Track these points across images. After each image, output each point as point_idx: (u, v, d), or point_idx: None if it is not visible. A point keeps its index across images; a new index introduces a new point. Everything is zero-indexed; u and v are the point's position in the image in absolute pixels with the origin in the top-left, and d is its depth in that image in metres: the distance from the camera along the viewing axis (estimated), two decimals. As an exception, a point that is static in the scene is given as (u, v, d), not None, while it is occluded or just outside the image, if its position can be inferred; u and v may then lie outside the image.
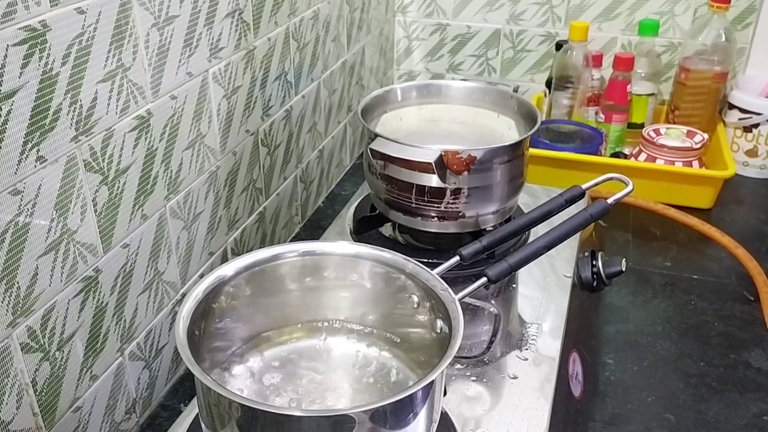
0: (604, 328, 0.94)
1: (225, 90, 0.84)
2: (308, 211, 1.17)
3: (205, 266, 0.87)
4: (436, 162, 0.79)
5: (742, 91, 1.30)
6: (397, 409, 0.52)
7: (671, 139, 1.23)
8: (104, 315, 0.70)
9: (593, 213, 0.68)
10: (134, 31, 0.67)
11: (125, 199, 0.70)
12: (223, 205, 0.88)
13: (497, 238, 0.75)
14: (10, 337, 0.59)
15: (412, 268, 0.64)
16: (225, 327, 0.65)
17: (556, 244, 0.71)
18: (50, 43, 0.57)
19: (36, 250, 0.60)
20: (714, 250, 1.10)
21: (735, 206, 1.23)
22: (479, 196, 0.83)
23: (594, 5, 1.41)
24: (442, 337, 0.60)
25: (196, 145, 0.80)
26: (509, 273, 0.68)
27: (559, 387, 0.71)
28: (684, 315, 0.97)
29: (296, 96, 1.04)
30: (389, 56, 1.52)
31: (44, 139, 0.58)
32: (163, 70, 0.72)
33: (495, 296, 0.83)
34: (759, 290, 1.00)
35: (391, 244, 0.90)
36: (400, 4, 1.51)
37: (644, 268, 1.06)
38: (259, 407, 0.51)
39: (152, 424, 0.79)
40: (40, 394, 0.63)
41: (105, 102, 0.64)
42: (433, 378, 0.52)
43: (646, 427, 0.80)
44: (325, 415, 0.52)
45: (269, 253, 0.66)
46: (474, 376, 0.71)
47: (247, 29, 0.87)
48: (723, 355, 0.90)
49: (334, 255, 0.67)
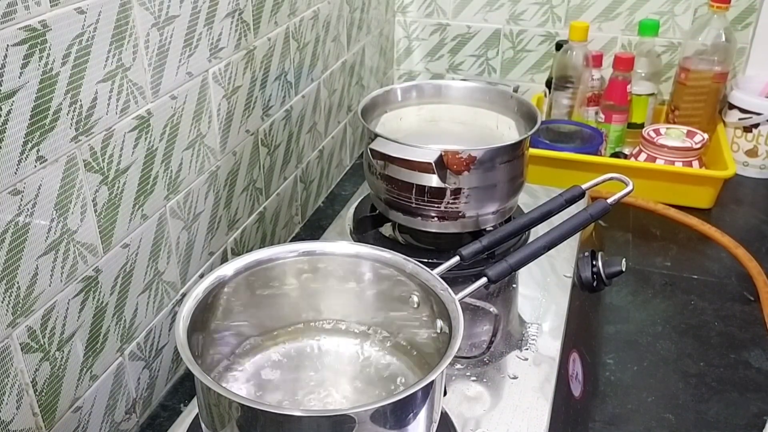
0: (604, 328, 0.94)
1: (225, 90, 0.84)
2: (308, 211, 1.17)
3: (205, 266, 0.87)
4: (436, 162, 0.79)
5: (742, 91, 1.30)
6: (398, 409, 0.52)
7: (671, 139, 1.23)
8: (104, 315, 0.70)
9: (593, 213, 0.68)
10: (134, 31, 0.67)
11: (125, 199, 0.70)
12: (223, 205, 0.88)
13: (497, 238, 0.75)
14: (10, 337, 0.59)
15: (412, 268, 0.64)
16: (225, 327, 0.65)
17: (556, 244, 0.71)
18: (50, 43, 0.57)
19: (36, 250, 0.60)
20: (714, 250, 1.10)
21: (735, 206, 1.22)
22: (479, 196, 0.83)
23: (594, 5, 1.41)
24: (443, 337, 0.60)
25: (196, 145, 0.80)
26: (509, 273, 0.68)
27: (559, 387, 0.71)
28: (684, 315, 0.97)
29: (296, 96, 1.04)
30: (389, 56, 1.52)
31: (44, 139, 0.58)
32: (163, 70, 0.72)
33: (495, 296, 0.83)
34: (759, 290, 1.00)
35: (391, 244, 0.90)
36: (400, 4, 1.51)
37: (644, 268, 1.06)
38: (258, 407, 0.51)
39: (152, 424, 0.79)
40: (40, 394, 0.63)
41: (105, 102, 0.64)
42: (433, 378, 0.52)
43: (646, 427, 0.80)
44: (325, 415, 0.52)
45: (269, 253, 0.66)
46: (474, 376, 0.71)
47: (247, 29, 0.87)
48: (723, 355, 0.90)
49: (333, 255, 0.67)
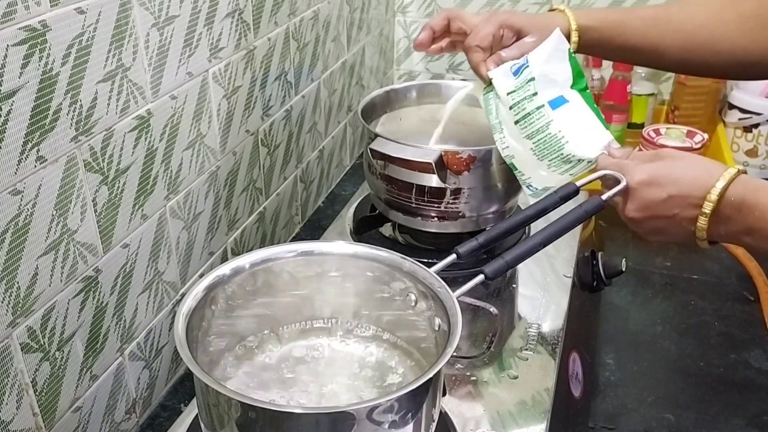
0: (604, 328, 0.94)
1: (225, 90, 0.84)
2: (308, 211, 1.17)
3: (205, 266, 0.87)
4: (436, 162, 0.79)
5: (742, 91, 1.30)
6: (397, 407, 0.52)
7: (671, 139, 1.23)
8: (104, 315, 0.70)
9: (588, 209, 0.69)
10: (134, 31, 0.67)
11: (125, 199, 0.70)
12: (223, 205, 0.88)
13: (493, 235, 0.75)
14: (10, 337, 0.59)
15: (410, 267, 0.64)
16: (224, 326, 0.65)
17: (553, 240, 0.71)
18: (50, 43, 0.57)
19: (36, 250, 0.60)
20: (714, 250, 1.10)
21: (735, 206, 1.22)
22: (479, 196, 0.83)
23: (594, 5, 1.41)
24: (441, 335, 0.60)
25: (196, 145, 0.80)
26: (506, 270, 0.68)
27: (559, 387, 0.71)
28: (684, 315, 0.97)
29: (296, 96, 1.04)
30: (389, 56, 1.52)
31: (44, 139, 0.58)
32: (163, 70, 0.72)
33: (495, 296, 0.83)
34: (759, 290, 1.00)
35: (391, 244, 0.90)
36: (400, 4, 1.51)
37: (644, 268, 1.06)
38: (258, 405, 0.51)
39: (152, 424, 0.79)
40: (40, 394, 0.63)
41: (105, 102, 0.65)
42: (432, 374, 0.52)
43: (646, 427, 0.80)
44: (325, 412, 0.52)
45: (268, 253, 0.66)
46: (474, 376, 0.71)
47: (247, 29, 0.87)
48: (723, 355, 0.90)
49: (332, 255, 0.67)
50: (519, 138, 0.77)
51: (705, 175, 0.61)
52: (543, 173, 0.77)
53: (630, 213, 0.66)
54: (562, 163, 0.75)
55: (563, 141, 0.74)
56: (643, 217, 0.65)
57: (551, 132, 0.74)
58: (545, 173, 0.76)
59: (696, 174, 0.62)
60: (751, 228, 0.60)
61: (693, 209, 0.62)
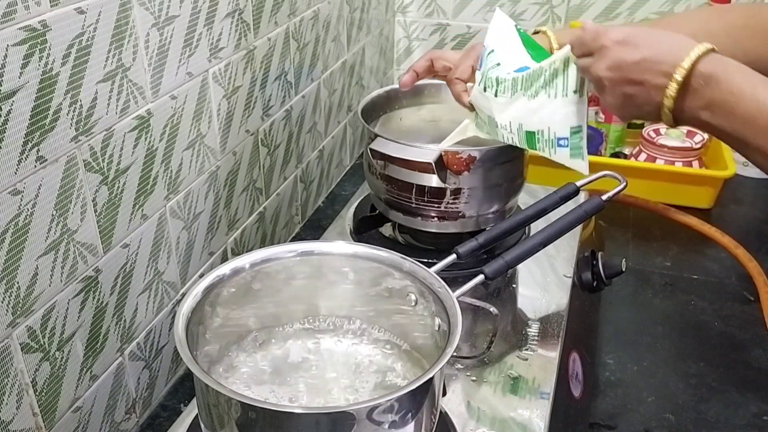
0: (604, 328, 0.94)
1: (225, 90, 0.84)
2: (308, 211, 1.17)
3: (205, 266, 0.87)
4: (436, 162, 0.79)
5: (742, 91, 1.30)
6: (397, 406, 0.52)
7: (671, 139, 1.23)
8: (104, 315, 0.70)
9: (587, 209, 0.69)
10: (134, 31, 0.67)
11: (125, 199, 0.70)
12: (223, 205, 0.88)
13: (493, 235, 0.75)
14: (10, 337, 0.59)
15: (410, 267, 0.64)
16: (224, 326, 0.65)
17: (553, 240, 0.72)
18: (50, 43, 0.57)
19: (36, 250, 0.60)
20: (714, 250, 1.10)
21: (735, 206, 1.22)
22: (479, 196, 0.83)
23: (594, 5, 1.41)
24: (441, 335, 0.60)
25: (196, 145, 0.80)
26: (506, 270, 0.69)
27: (559, 387, 0.71)
28: (684, 315, 0.97)
29: (296, 96, 1.04)
30: (389, 56, 1.52)
31: (44, 139, 0.58)
32: (163, 70, 0.72)
33: (495, 296, 0.83)
34: (759, 290, 1.00)
35: (391, 244, 0.90)
36: (400, 4, 1.51)
37: (644, 268, 1.06)
38: (258, 405, 0.51)
39: (152, 424, 0.79)
40: (40, 394, 0.63)
41: (105, 102, 0.65)
42: (432, 374, 0.52)
43: (646, 427, 0.80)
44: (325, 412, 0.52)
45: (268, 253, 0.66)
46: (474, 376, 0.71)
47: (247, 29, 0.87)
48: (723, 355, 0.90)
49: (331, 254, 0.67)
50: (509, 106, 0.75)
51: (680, 44, 0.63)
52: (553, 107, 0.73)
53: (600, 71, 0.66)
54: (553, 80, 0.72)
55: (544, 67, 0.72)
56: (613, 77, 0.65)
57: (529, 72, 0.73)
58: (553, 105, 0.73)
59: (672, 44, 0.63)
60: (711, 102, 0.61)
61: (663, 77, 0.62)
